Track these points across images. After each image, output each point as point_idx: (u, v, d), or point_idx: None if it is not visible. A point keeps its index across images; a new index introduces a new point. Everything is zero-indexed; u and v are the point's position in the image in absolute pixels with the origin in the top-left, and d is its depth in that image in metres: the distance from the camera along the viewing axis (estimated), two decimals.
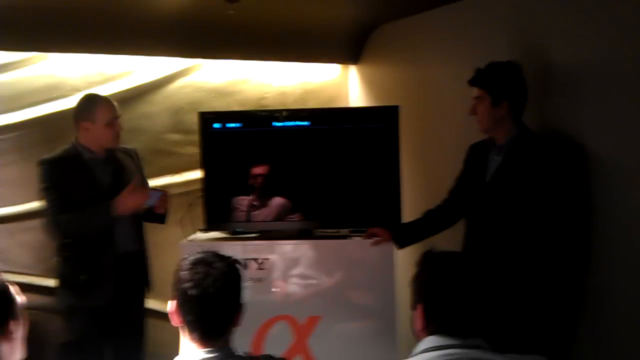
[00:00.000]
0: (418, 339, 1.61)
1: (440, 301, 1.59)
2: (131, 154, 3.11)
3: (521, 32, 2.74)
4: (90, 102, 2.93)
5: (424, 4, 3.32)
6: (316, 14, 3.59)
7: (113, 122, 2.91)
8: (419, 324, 1.62)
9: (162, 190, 3.03)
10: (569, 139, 2.45)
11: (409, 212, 3.00)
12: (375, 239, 2.89)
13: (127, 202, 2.82)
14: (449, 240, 2.73)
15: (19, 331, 1.46)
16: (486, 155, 2.60)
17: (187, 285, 1.60)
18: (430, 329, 1.58)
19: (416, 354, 1.55)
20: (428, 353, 1.53)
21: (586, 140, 2.39)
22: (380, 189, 3.00)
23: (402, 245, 2.85)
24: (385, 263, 2.88)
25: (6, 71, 3.29)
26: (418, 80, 3.51)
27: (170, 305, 1.66)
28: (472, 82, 2.55)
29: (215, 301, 1.59)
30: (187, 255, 1.68)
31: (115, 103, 2.96)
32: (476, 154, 2.68)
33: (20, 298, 1.48)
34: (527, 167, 2.42)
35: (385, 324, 2.87)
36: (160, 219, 3.09)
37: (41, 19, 3.16)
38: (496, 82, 2.49)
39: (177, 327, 1.68)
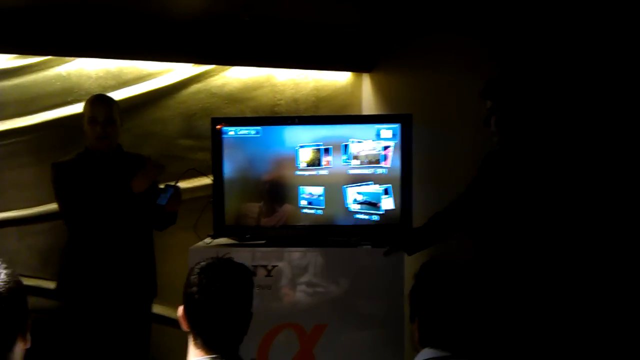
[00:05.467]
0: (416, 351, 1.64)
1: (434, 316, 1.63)
2: (146, 161, 3.12)
3: (531, 41, 2.72)
4: (87, 100, 3.00)
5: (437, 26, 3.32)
6: (331, 23, 3.59)
7: (93, 120, 2.92)
8: (416, 336, 1.68)
9: (175, 186, 2.99)
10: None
11: (420, 221, 2.98)
12: (387, 248, 2.86)
13: (140, 181, 2.87)
14: (461, 247, 2.70)
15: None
16: (505, 164, 2.49)
17: (194, 289, 1.61)
18: (425, 341, 1.62)
19: None
20: None
21: None
22: (391, 196, 2.98)
23: (411, 252, 2.80)
24: (395, 272, 2.85)
25: (22, 75, 3.33)
26: (431, 88, 3.50)
27: (180, 310, 1.66)
28: (484, 95, 2.49)
29: (220, 307, 1.59)
30: (201, 261, 1.68)
31: (108, 104, 2.98)
32: (494, 163, 2.55)
33: None
34: (547, 173, 2.36)
35: (393, 333, 2.84)
36: (172, 218, 3.09)
37: (57, 23, 3.19)
38: (508, 93, 2.42)
39: (182, 334, 1.68)
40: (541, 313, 2.32)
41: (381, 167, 2.97)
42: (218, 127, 3.01)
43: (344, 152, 2.98)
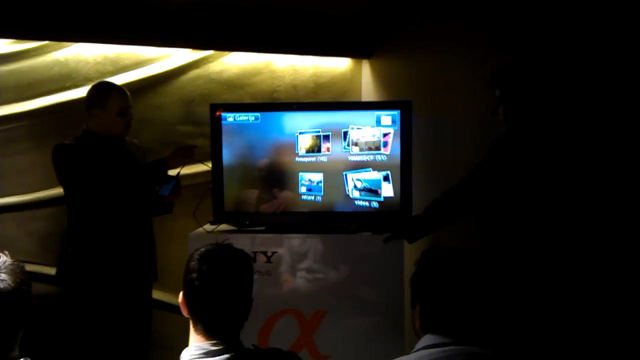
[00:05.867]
0: (418, 337, 1.65)
1: (436, 302, 1.64)
2: (139, 148, 3.13)
3: (534, 28, 2.70)
4: (103, 90, 2.94)
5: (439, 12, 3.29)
6: (330, 8, 3.57)
7: (125, 111, 2.93)
8: (417, 322, 1.68)
9: (177, 177, 3.01)
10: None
11: (419, 208, 2.98)
12: (387, 235, 2.86)
13: (177, 156, 2.98)
14: (461, 235, 2.69)
15: None
16: (513, 153, 2.44)
17: (193, 275, 1.60)
18: (427, 327, 1.64)
19: (414, 352, 1.60)
20: (425, 350, 1.59)
21: None
22: (391, 183, 2.97)
23: (412, 240, 2.81)
24: (395, 258, 2.86)
25: (19, 60, 3.31)
26: (431, 75, 3.48)
27: (180, 296, 1.66)
28: (492, 84, 2.44)
29: (220, 293, 1.59)
30: (201, 247, 1.68)
31: (128, 92, 2.98)
32: (501, 151, 2.49)
33: None
34: (556, 163, 2.33)
35: (393, 319, 2.85)
36: (169, 208, 3.10)
37: (54, 8, 3.17)
38: (517, 82, 2.38)
39: (183, 320, 1.68)
40: (544, 300, 2.32)
41: (381, 153, 2.96)
42: (217, 113, 3.00)
43: (343, 139, 2.97)
